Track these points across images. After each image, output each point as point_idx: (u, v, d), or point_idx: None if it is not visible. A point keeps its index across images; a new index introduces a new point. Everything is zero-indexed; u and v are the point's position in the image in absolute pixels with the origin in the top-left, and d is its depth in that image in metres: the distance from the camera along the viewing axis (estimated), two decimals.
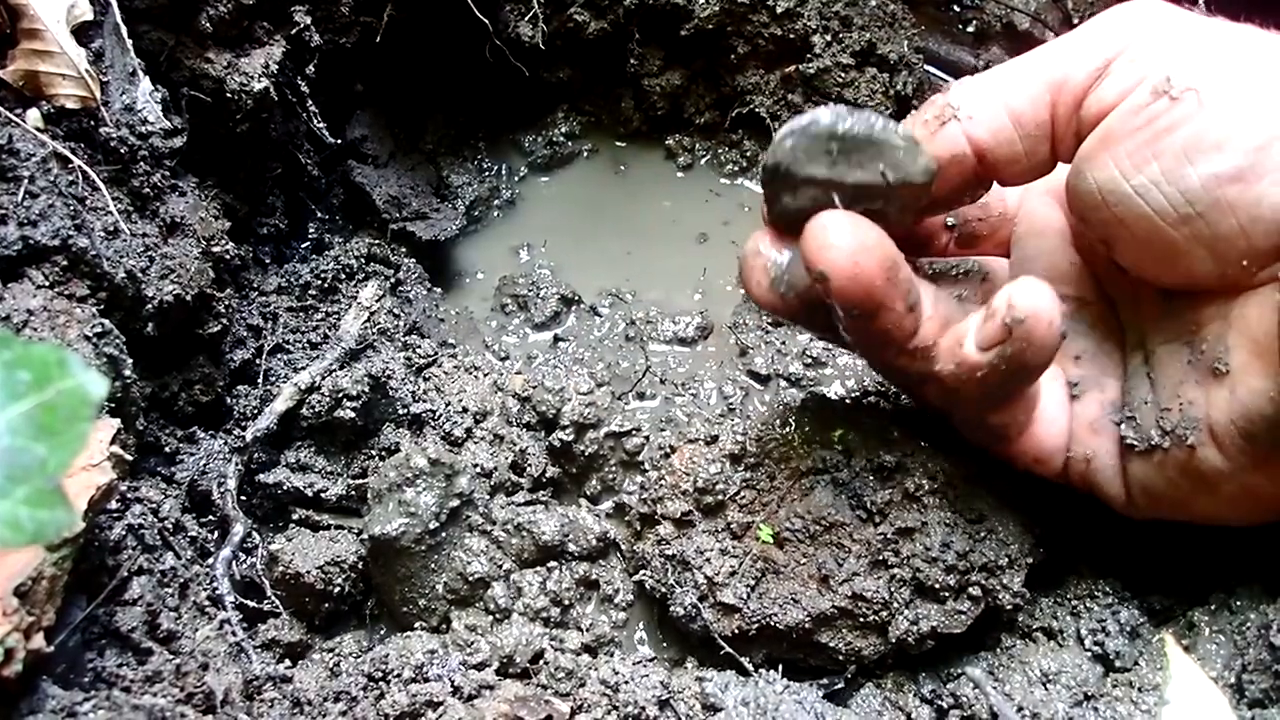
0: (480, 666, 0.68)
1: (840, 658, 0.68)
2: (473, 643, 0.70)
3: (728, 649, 0.69)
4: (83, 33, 0.70)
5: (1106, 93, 0.54)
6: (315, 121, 0.89)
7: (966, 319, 0.59)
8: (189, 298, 0.74)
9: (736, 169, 1.06)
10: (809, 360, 0.88)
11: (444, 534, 0.72)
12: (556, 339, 0.93)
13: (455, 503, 0.73)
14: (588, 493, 0.81)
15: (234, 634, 0.68)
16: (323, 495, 0.79)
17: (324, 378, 0.78)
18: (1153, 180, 0.53)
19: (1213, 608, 0.64)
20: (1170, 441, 0.58)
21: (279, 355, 0.85)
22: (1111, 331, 0.65)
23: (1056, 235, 0.65)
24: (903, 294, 0.58)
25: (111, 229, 0.69)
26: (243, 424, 0.81)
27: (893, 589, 0.65)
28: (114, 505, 0.63)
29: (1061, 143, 0.57)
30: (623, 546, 0.78)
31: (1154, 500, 0.61)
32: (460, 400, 0.81)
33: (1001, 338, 0.55)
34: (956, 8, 1.13)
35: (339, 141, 0.94)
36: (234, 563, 0.72)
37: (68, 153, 0.67)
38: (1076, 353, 0.65)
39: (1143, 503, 0.62)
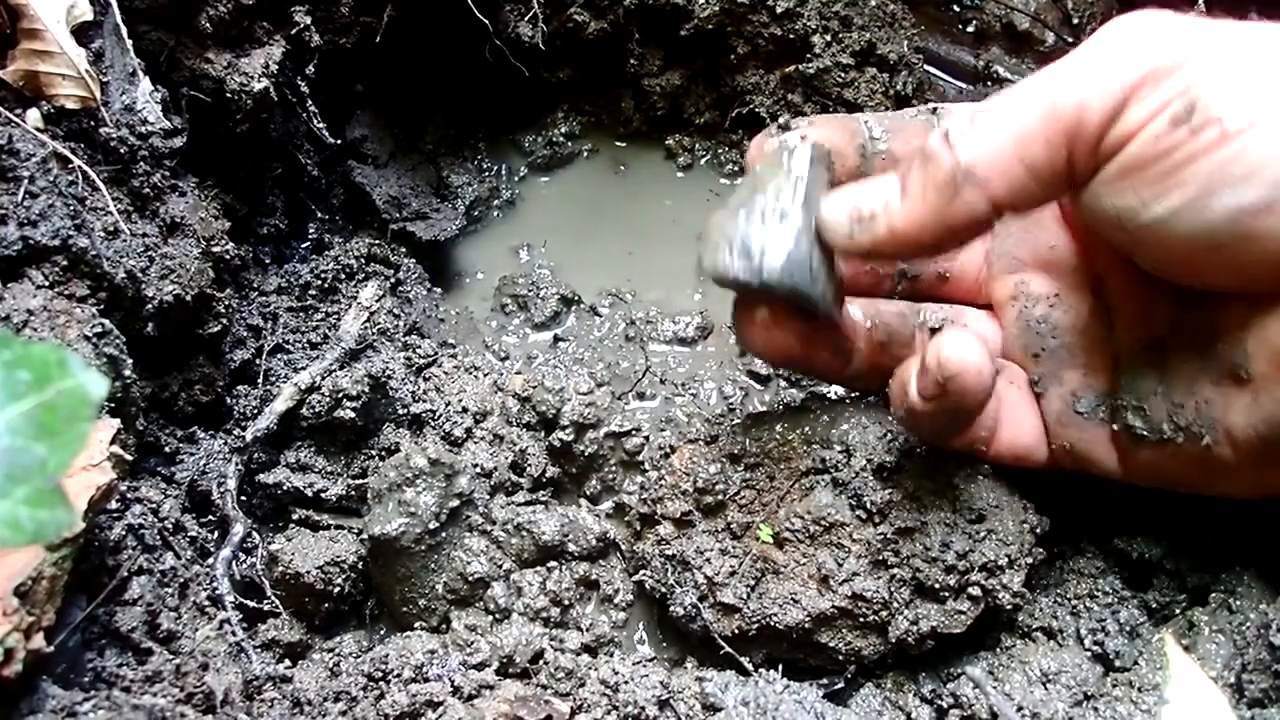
0: (480, 666, 0.68)
1: (840, 658, 0.68)
2: (473, 643, 0.70)
3: (728, 649, 0.69)
4: (83, 33, 0.70)
5: (1125, 126, 0.51)
6: (315, 121, 0.89)
7: (908, 364, 0.60)
8: (189, 298, 0.74)
9: (737, 169, 1.06)
10: None
11: (444, 534, 0.72)
12: (556, 339, 0.93)
13: (455, 503, 0.73)
14: (588, 493, 0.81)
15: (234, 634, 0.68)
16: (323, 495, 0.79)
17: (324, 378, 0.78)
18: (1174, 210, 0.51)
19: (1213, 607, 0.64)
20: (1184, 437, 0.58)
21: (279, 355, 0.85)
22: (1083, 320, 0.64)
23: (1044, 214, 0.64)
24: (824, 346, 0.65)
25: (111, 229, 0.69)
26: (243, 424, 0.81)
27: (893, 589, 0.65)
28: (114, 505, 0.63)
29: (1080, 177, 0.54)
30: (623, 546, 0.78)
31: (1160, 479, 0.62)
32: (460, 400, 0.81)
33: (937, 392, 0.57)
34: (956, 8, 1.13)
35: (339, 141, 0.94)
36: (234, 563, 0.72)
37: (68, 153, 0.67)
38: (1035, 350, 0.66)
39: (1146, 480, 0.63)
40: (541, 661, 0.70)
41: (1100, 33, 0.53)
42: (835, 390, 0.83)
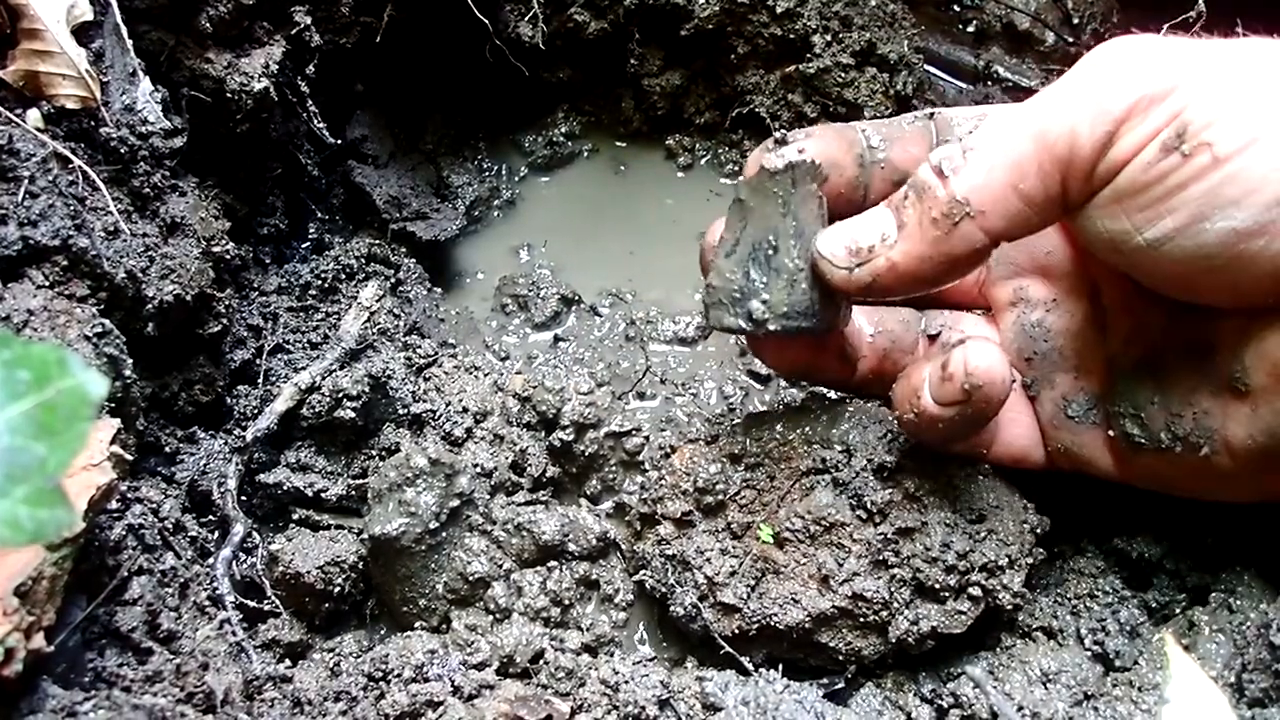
0: (480, 666, 0.68)
1: (840, 657, 0.68)
2: (473, 642, 0.70)
3: (728, 649, 0.69)
4: (83, 33, 0.70)
5: (1117, 153, 0.51)
6: (315, 121, 0.89)
7: (921, 369, 0.60)
8: (189, 298, 0.74)
9: (737, 169, 1.06)
10: None
11: (444, 534, 0.72)
12: (557, 339, 0.93)
13: (455, 502, 0.73)
14: (588, 493, 0.81)
15: (234, 634, 0.68)
16: (323, 495, 0.79)
17: (324, 378, 0.78)
18: (1167, 234, 0.51)
19: (1213, 607, 0.64)
20: (1182, 446, 0.58)
21: (279, 355, 0.85)
22: (1078, 325, 0.65)
23: None
24: (832, 355, 0.66)
25: (112, 229, 0.69)
26: (243, 424, 0.81)
27: (893, 589, 0.65)
28: (114, 505, 0.63)
29: (1074, 203, 0.54)
30: (623, 546, 0.78)
31: (1157, 483, 0.63)
32: (460, 400, 0.81)
33: (961, 399, 0.57)
34: (956, 8, 1.13)
35: (339, 141, 0.94)
36: (234, 563, 0.72)
37: (68, 153, 0.67)
38: (1029, 354, 0.66)
39: (1144, 484, 0.63)
40: (542, 661, 0.70)
41: (1089, 58, 0.53)
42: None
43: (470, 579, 0.72)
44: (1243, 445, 0.55)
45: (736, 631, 0.68)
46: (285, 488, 0.79)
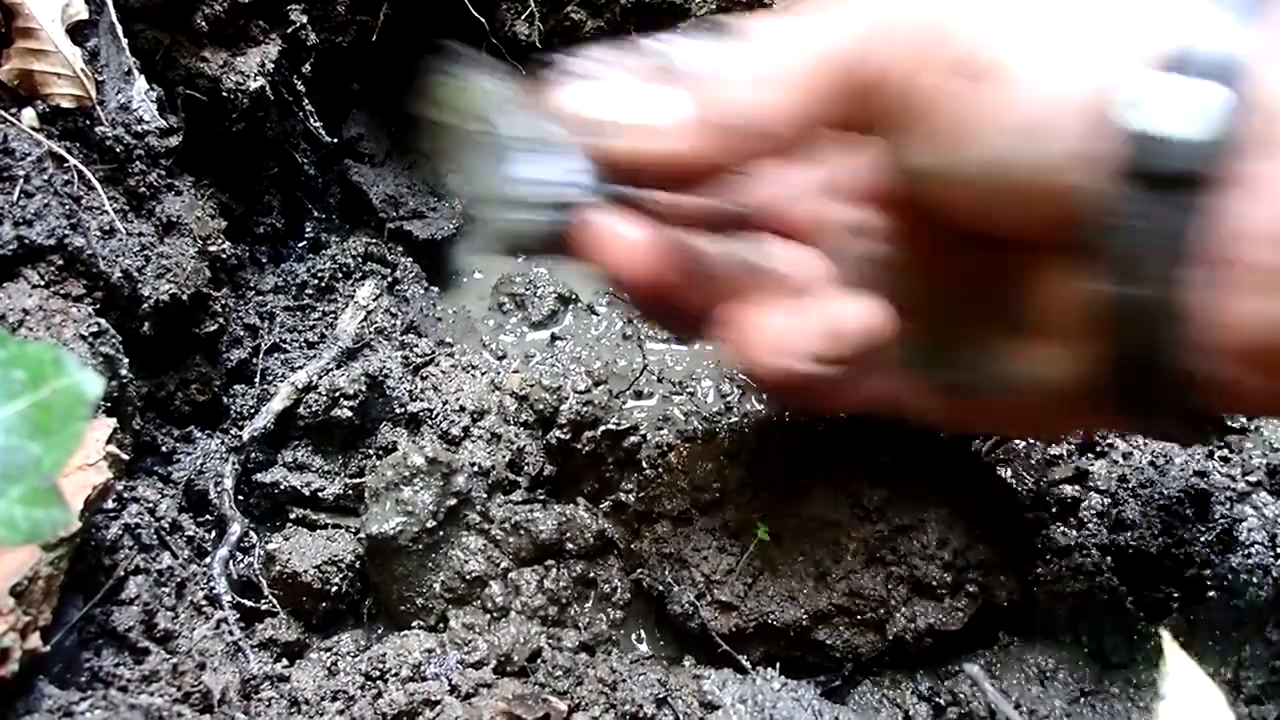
0: (478, 665, 0.68)
1: (838, 655, 0.68)
2: (470, 641, 0.70)
3: (725, 647, 0.69)
4: (78, 32, 0.70)
5: (895, 79, 0.50)
6: (312, 120, 0.89)
7: (778, 316, 0.56)
8: (185, 297, 0.74)
9: None
10: None
11: (441, 533, 0.72)
12: (554, 338, 0.93)
13: (453, 501, 0.73)
14: (585, 491, 0.81)
15: (231, 633, 0.68)
16: (320, 494, 0.79)
17: (321, 377, 0.78)
18: (945, 161, 0.50)
19: (1210, 604, 0.64)
20: (993, 390, 0.56)
21: (276, 354, 0.85)
22: (895, 264, 0.61)
23: (866, 150, 0.60)
24: (671, 269, 0.57)
25: (107, 228, 0.69)
26: (240, 423, 0.81)
27: (890, 586, 0.65)
28: (110, 505, 0.63)
29: (857, 128, 0.53)
30: (620, 545, 0.78)
31: (984, 425, 0.64)
32: (457, 399, 0.81)
33: (847, 356, 0.55)
34: None
35: (335, 140, 0.93)
36: (231, 562, 0.72)
37: (63, 152, 0.67)
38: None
39: (965, 428, 0.64)
40: (539, 660, 0.69)
41: None
42: None
43: (467, 578, 0.72)
44: (1043, 385, 0.54)
45: (734, 629, 0.68)
46: (282, 487, 0.78)
